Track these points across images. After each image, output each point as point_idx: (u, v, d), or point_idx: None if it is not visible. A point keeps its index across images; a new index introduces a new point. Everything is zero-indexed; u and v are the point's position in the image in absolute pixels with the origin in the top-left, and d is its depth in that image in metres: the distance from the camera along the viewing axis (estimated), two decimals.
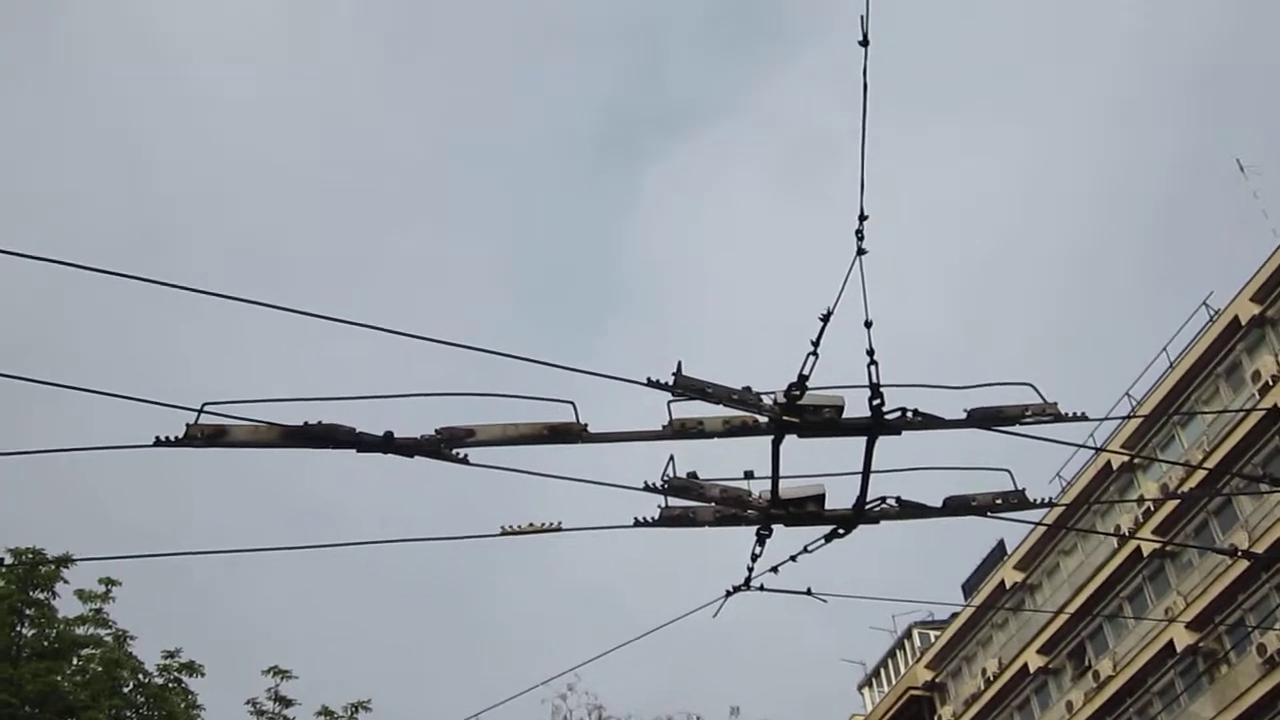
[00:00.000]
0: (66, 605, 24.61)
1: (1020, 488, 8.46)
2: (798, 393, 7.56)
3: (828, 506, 8.16)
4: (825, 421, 7.68)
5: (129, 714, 24.26)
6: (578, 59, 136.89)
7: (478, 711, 23.65)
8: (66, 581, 24.39)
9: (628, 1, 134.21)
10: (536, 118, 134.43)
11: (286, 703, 25.76)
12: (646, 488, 7.72)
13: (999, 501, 8.49)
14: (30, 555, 21.92)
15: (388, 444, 6.98)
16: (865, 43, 7.21)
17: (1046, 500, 8.97)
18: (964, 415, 8.02)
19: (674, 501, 7.89)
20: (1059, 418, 8.13)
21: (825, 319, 7.47)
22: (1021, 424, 8.14)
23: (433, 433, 7.08)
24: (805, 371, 7.50)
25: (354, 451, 6.98)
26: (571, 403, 7.31)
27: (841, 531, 8.28)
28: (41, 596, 24.29)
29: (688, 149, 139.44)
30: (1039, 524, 41.59)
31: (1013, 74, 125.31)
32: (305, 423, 6.88)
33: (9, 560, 22.96)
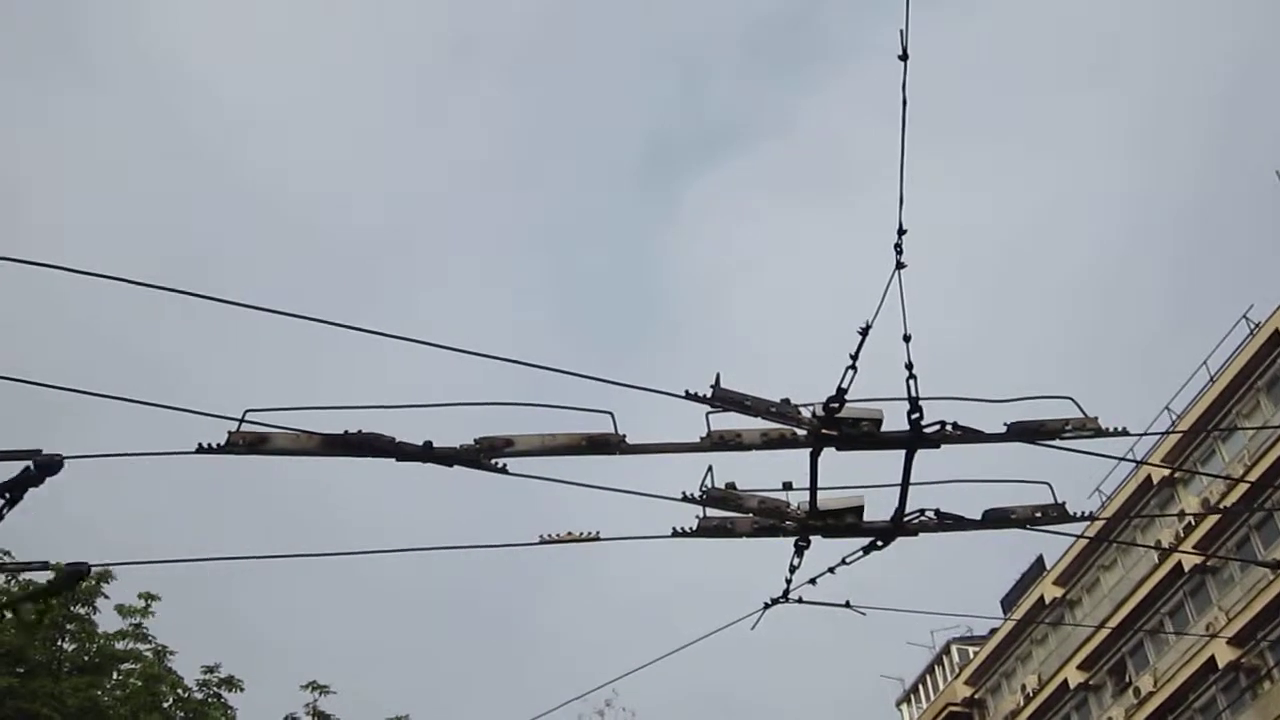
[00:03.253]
0: (106, 620, 24.79)
1: (1060, 501, 8.42)
2: (836, 406, 7.55)
3: (866, 518, 8.14)
4: (864, 435, 7.67)
5: None
6: (623, 82, 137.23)
7: None
8: (107, 597, 24.58)
9: (668, 27, 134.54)
10: (581, 138, 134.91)
11: (325, 717, 25.86)
12: (685, 498, 7.72)
13: (1039, 515, 8.44)
14: (72, 568, 22.03)
15: (427, 453, 7.01)
16: (905, 57, 7.21)
17: (1086, 514, 8.92)
18: (1004, 429, 7.99)
19: (712, 512, 7.88)
20: (1100, 433, 8.08)
21: (864, 333, 7.46)
22: (1062, 439, 8.09)
23: (472, 442, 7.11)
24: (844, 385, 7.49)
25: (393, 461, 7.01)
26: (610, 413, 7.32)
27: (880, 543, 8.25)
28: (82, 611, 24.48)
29: (728, 167, 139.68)
30: (1079, 537, 41.28)
31: (1043, 96, 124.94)
32: (345, 432, 6.92)
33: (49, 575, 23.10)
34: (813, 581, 8.71)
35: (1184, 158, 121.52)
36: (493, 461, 7.10)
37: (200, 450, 6.98)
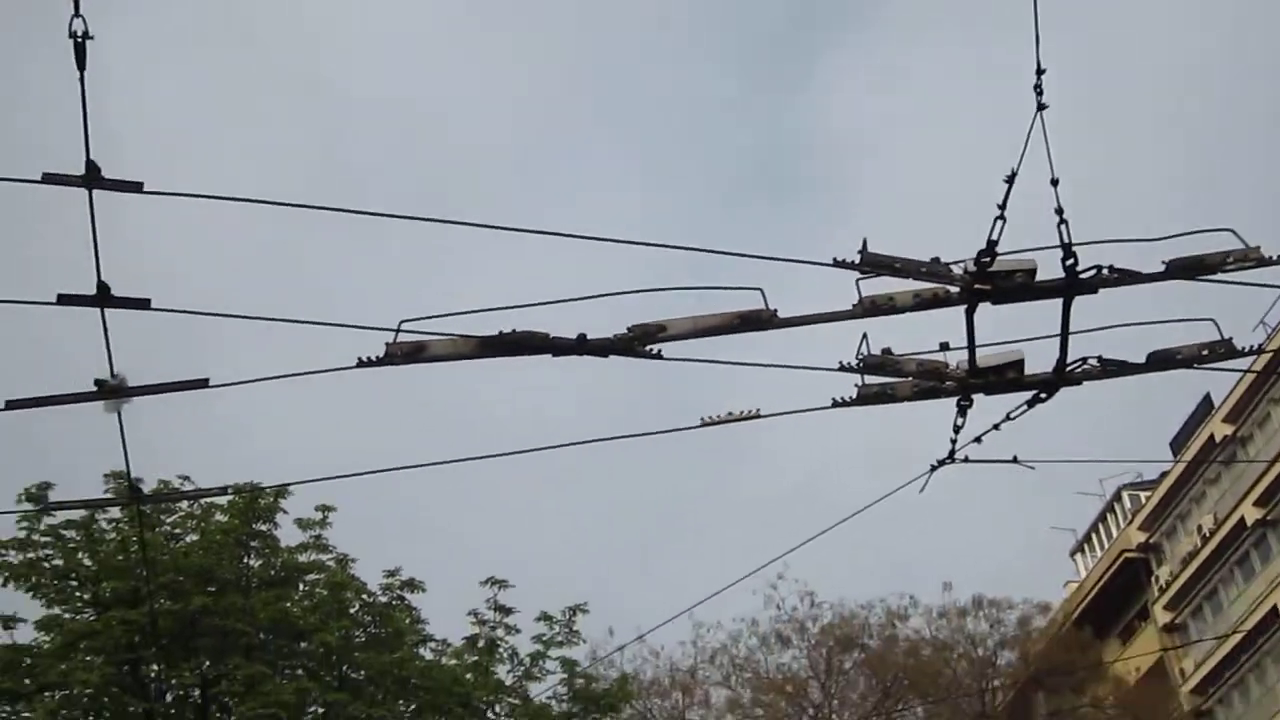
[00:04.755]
0: (288, 535, 25.59)
1: (1226, 337, 8.20)
2: (988, 259, 7.42)
3: (1027, 372, 8.03)
4: (1018, 286, 7.54)
5: (357, 633, 25.17)
6: None
7: (690, 606, 23.96)
8: (285, 512, 25.33)
9: None
10: (715, 14, 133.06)
11: (506, 611, 26.46)
12: (841, 367, 7.68)
13: (1205, 353, 8.23)
14: (250, 489, 22.70)
15: (581, 346, 7.05)
16: None
17: (1254, 348, 8.69)
18: (1162, 268, 7.79)
19: (870, 379, 7.84)
20: (1263, 262, 7.83)
21: (1010, 180, 7.29)
22: (1224, 272, 7.86)
23: (625, 331, 7.13)
24: (994, 236, 7.35)
25: (549, 356, 7.08)
26: (759, 289, 7.28)
27: (1044, 396, 8.14)
28: (264, 528, 25.29)
29: (866, 31, 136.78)
30: (1246, 372, 40.39)
31: None
32: (500, 332, 6.98)
33: (230, 496, 23.87)
34: (978, 440, 8.65)
35: None
36: (647, 348, 7.13)
37: (361, 364, 7.10)
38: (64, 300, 6.89)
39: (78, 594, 24.42)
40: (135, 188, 6.56)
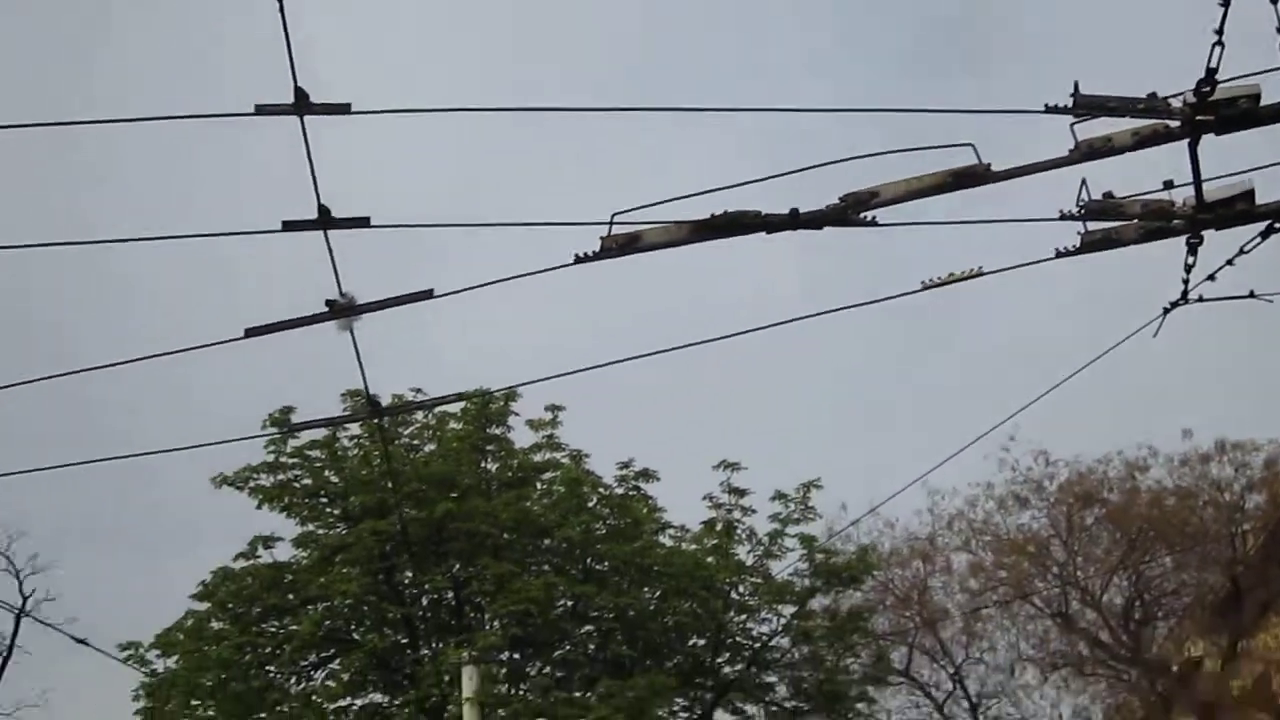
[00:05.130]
0: (520, 437, 26.21)
1: None
2: (1208, 89, 7.11)
3: (1258, 202, 7.71)
4: (1242, 113, 7.21)
5: (597, 526, 25.72)
6: None
7: (923, 474, 23.77)
8: (517, 414, 25.93)
9: None
10: None
11: (740, 493, 26.69)
12: (1062, 216, 7.45)
13: None
14: (481, 394, 23.19)
15: (794, 220, 6.98)
16: None
17: None
18: None
19: (1093, 226, 7.61)
20: None
21: (1225, 3, 6.95)
22: None
23: (837, 201, 7.05)
24: (1213, 64, 7.03)
25: (764, 234, 7.04)
26: (971, 144, 7.09)
27: (1277, 226, 7.82)
28: (497, 432, 25.95)
29: None
30: None
31: None
32: (711, 215, 6.96)
33: (463, 403, 24.53)
34: (1211, 278, 8.36)
35: None
36: (861, 215, 7.04)
37: (578, 260, 7.18)
38: (289, 226, 7.10)
39: (328, 510, 25.52)
40: (343, 110, 6.70)
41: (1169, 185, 7.60)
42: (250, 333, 7.78)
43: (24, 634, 35.30)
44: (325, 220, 7.07)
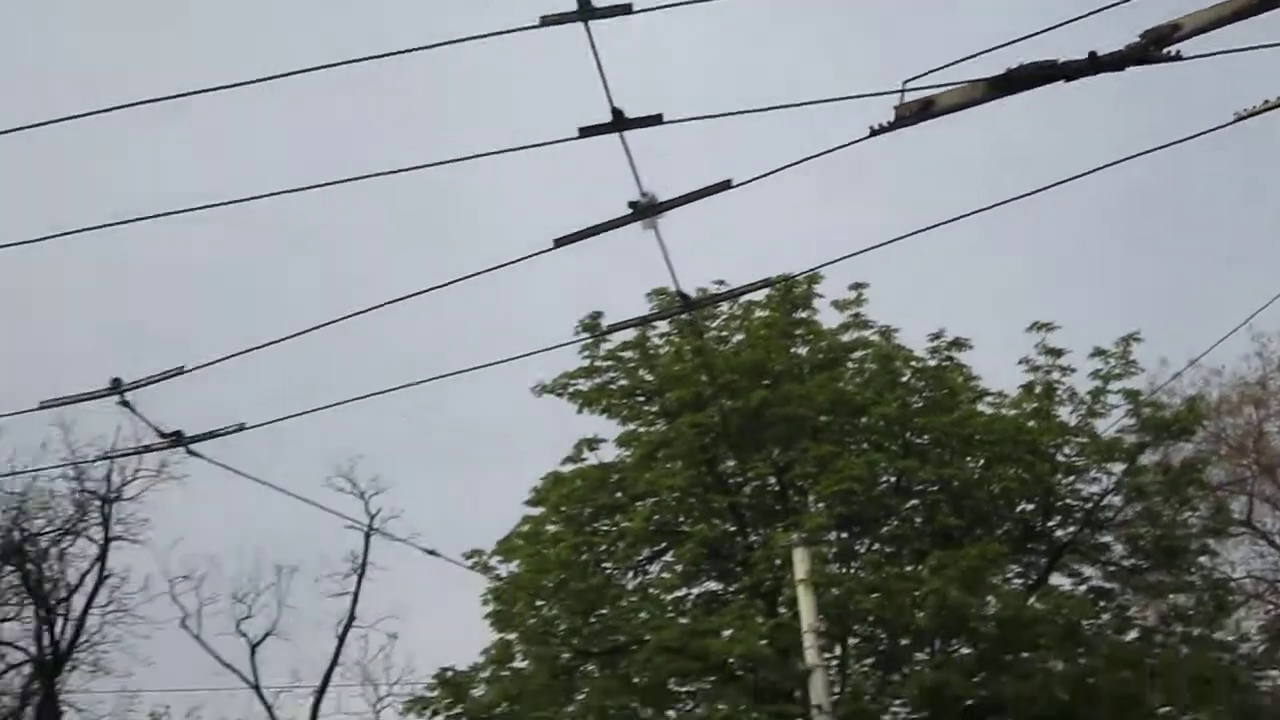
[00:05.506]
0: (827, 318, 26.18)
1: None
2: None
3: None
4: None
5: (913, 400, 25.53)
6: None
7: (1248, 317, 22.70)
8: (821, 296, 25.90)
9: None
10: None
11: (1057, 353, 26.00)
12: None
13: None
14: (784, 279, 23.18)
15: (1094, 65, 6.71)
16: None
17: None
18: None
19: None
20: None
21: None
22: None
23: (1136, 39, 6.74)
24: None
25: (1062, 83, 6.80)
26: None
27: None
28: (804, 316, 25.98)
29: None
30: None
31: None
32: (1008, 69, 6.76)
33: (768, 290, 24.64)
34: None
35: None
36: (1164, 51, 6.71)
37: (873, 133, 7.10)
38: (586, 132, 7.23)
39: (646, 408, 26.10)
40: (625, 10, 6.75)
41: None
42: (559, 242, 8.00)
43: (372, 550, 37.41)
44: (619, 122, 7.18)
